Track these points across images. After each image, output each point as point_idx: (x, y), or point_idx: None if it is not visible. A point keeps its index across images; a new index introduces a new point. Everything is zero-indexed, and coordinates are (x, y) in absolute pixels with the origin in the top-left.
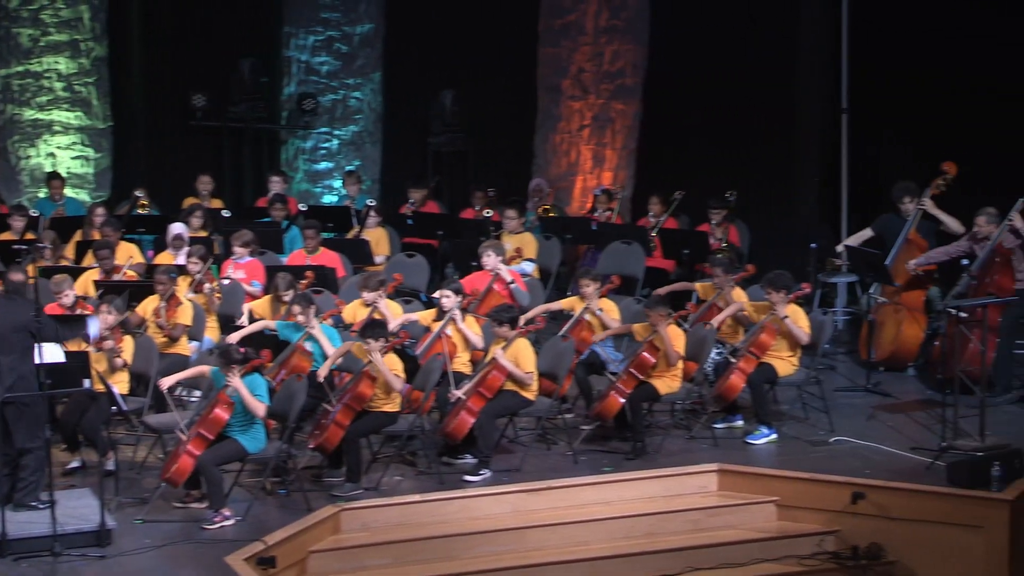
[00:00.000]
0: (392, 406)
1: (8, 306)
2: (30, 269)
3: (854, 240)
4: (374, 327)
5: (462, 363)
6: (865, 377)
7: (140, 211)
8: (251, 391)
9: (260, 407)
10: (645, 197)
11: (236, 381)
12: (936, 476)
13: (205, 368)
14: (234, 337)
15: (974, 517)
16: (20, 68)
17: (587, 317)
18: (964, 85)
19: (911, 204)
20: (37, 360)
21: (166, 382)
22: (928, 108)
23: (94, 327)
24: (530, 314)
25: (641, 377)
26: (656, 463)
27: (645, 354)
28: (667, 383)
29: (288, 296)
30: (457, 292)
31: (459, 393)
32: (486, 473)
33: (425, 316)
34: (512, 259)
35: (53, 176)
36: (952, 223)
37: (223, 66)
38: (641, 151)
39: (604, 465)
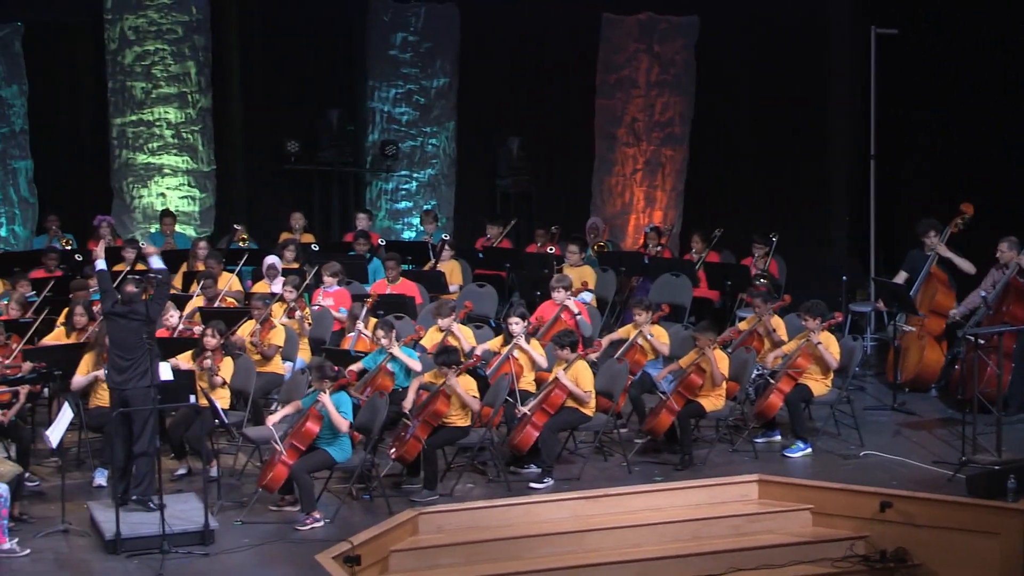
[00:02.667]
0: (465, 421)
1: (128, 316)
2: (143, 297)
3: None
4: (447, 353)
5: (528, 382)
6: (892, 397)
7: (239, 245)
8: (337, 408)
9: (343, 423)
10: (692, 234)
11: (325, 398)
12: (957, 487)
13: (297, 402)
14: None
15: (991, 525)
16: (134, 117)
17: (640, 342)
18: (982, 128)
19: (934, 238)
20: (154, 378)
21: (272, 420)
22: (948, 151)
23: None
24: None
25: (689, 396)
26: (702, 473)
27: (693, 376)
28: (712, 401)
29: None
30: (523, 318)
31: (525, 409)
32: (549, 481)
33: (495, 341)
34: (577, 291)
35: (166, 213)
36: (964, 265)
37: (313, 116)
38: (688, 192)
39: (655, 475)
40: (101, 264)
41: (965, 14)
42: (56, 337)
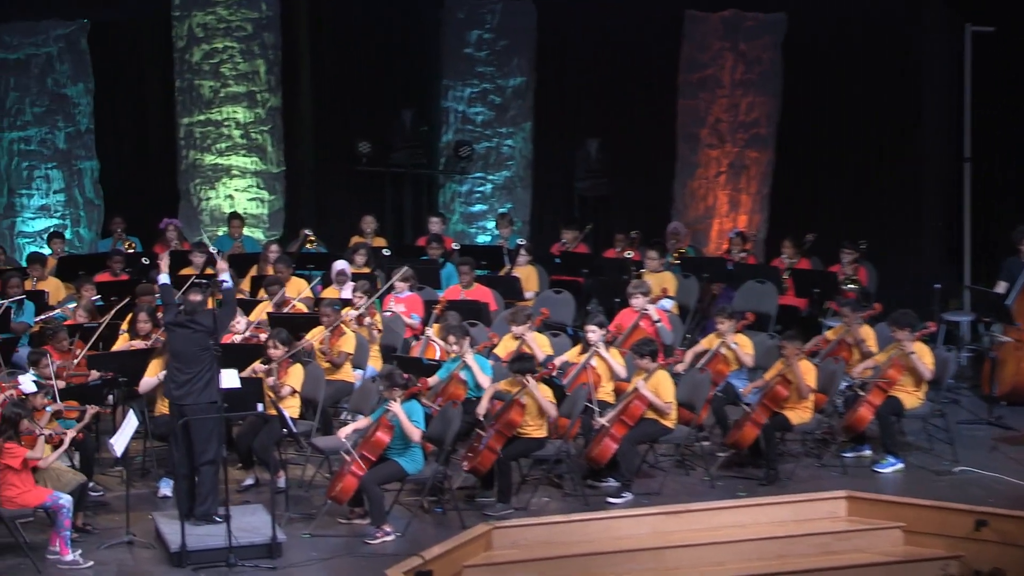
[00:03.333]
0: (540, 432)
1: (190, 326)
2: (209, 302)
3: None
4: (522, 360)
5: (606, 393)
6: (987, 411)
7: (309, 249)
8: (408, 416)
9: (415, 432)
10: (778, 239)
11: (396, 407)
12: None
13: (369, 417)
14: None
15: None
16: (202, 117)
17: (723, 351)
18: None
19: None
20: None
21: (343, 432)
22: None
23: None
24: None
25: (774, 408)
26: (788, 489)
27: (778, 387)
28: (799, 414)
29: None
30: (601, 326)
31: (603, 421)
32: (628, 496)
33: (572, 350)
34: (656, 297)
35: (234, 216)
36: None
37: (386, 116)
38: (774, 196)
39: (739, 490)
40: (164, 278)
41: None
42: (121, 343)
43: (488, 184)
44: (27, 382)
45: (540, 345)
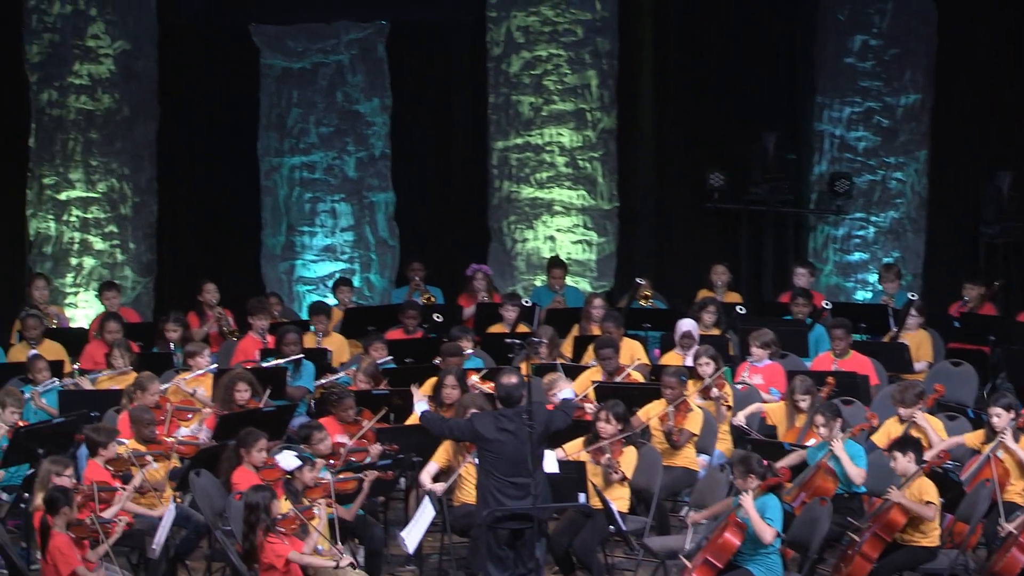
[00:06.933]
0: (930, 539)
1: (515, 432)
2: (523, 367)
3: None
4: (907, 445)
5: (1015, 492)
6: None
7: (643, 304)
8: (762, 514)
9: (768, 532)
10: None
11: (748, 501)
12: None
13: (729, 500)
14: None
15: None
16: (519, 140)
17: None
18: None
19: None
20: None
21: (695, 518)
22: None
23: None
24: None
25: None
26: None
27: None
28: None
29: (804, 402)
30: (1009, 408)
31: (1010, 527)
32: None
33: (972, 437)
34: None
35: (554, 263)
36: None
37: (744, 141)
38: None
39: None
40: (422, 405)
41: None
42: (417, 416)
43: (871, 227)
44: (287, 458)
45: (934, 429)
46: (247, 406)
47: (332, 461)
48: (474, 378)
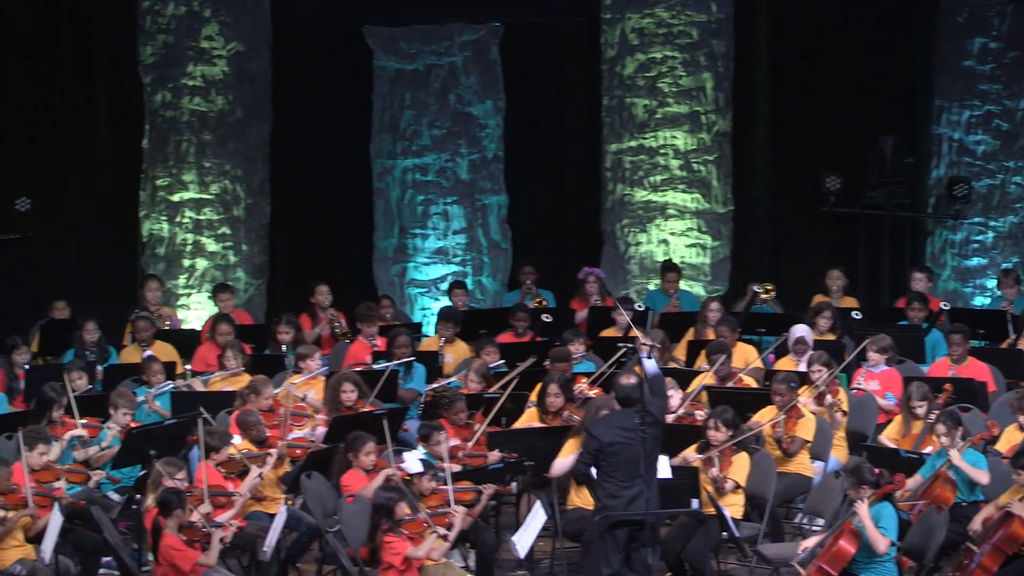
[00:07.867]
0: None
1: (639, 428)
2: (637, 370)
3: None
4: None
5: None
6: None
7: (760, 308)
8: (876, 522)
9: (881, 541)
10: None
11: (862, 508)
12: None
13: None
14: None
15: None
16: (633, 143)
17: None
18: None
19: None
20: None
21: (806, 544)
22: None
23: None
24: None
25: None
26: None
27: None
28: None
29: (920, 408)
30: None
31: None
32: None
33: None
34: None
35: (668, 267)
36: None
37: (861, 144)
38: None
39: None
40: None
41: None
42: (528, 419)
43: (990, 232)
44: (413, 461)
45: None
46: (355, 407)
47: (454, 464)
48: (582, 383)
